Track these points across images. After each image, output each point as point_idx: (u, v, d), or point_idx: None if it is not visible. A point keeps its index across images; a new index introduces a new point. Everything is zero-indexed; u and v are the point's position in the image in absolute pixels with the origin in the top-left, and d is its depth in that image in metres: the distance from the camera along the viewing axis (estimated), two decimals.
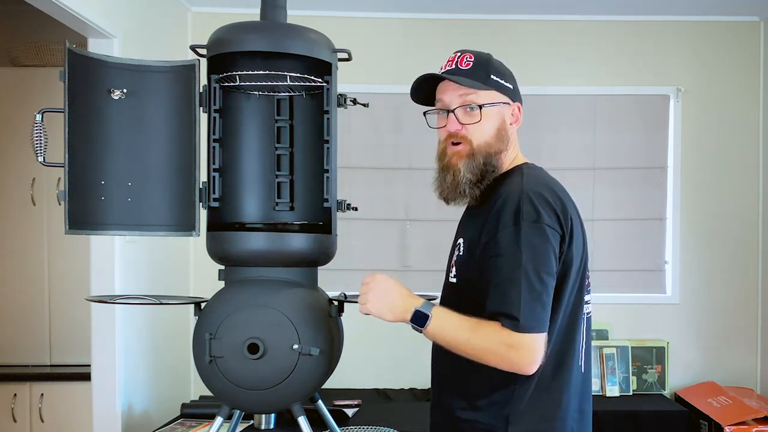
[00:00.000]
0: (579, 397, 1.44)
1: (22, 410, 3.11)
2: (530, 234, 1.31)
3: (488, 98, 1.43)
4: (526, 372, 1.31)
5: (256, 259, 1.59)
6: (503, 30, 3.47)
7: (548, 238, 1.31)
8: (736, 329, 3.51)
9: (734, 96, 3.51)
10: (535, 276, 1.30)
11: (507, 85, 1.46)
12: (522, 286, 1.29)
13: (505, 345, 1.29)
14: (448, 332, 1.34)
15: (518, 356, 1.29)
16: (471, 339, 1.31)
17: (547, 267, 1.31)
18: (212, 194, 1.60)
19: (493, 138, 1.43)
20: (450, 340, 1.34)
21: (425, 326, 1.34)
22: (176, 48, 3.26)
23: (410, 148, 3.47)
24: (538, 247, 1.31)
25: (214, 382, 1.54)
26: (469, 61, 1.44)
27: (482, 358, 1.32)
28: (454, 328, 1.34)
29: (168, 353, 3.14)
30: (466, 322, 1.33)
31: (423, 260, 3.45)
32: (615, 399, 3.28)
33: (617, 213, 3.51)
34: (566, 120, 3.50)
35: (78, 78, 1.52)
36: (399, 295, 1.38)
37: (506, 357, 1.29)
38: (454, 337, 1.33)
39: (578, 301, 1.41)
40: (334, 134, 1.63)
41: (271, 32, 1.59)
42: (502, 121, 1.45)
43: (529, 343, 1.29)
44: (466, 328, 1.32)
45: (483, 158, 1.42)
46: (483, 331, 1.31)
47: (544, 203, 1.33)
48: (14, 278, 3.24)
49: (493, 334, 1.30)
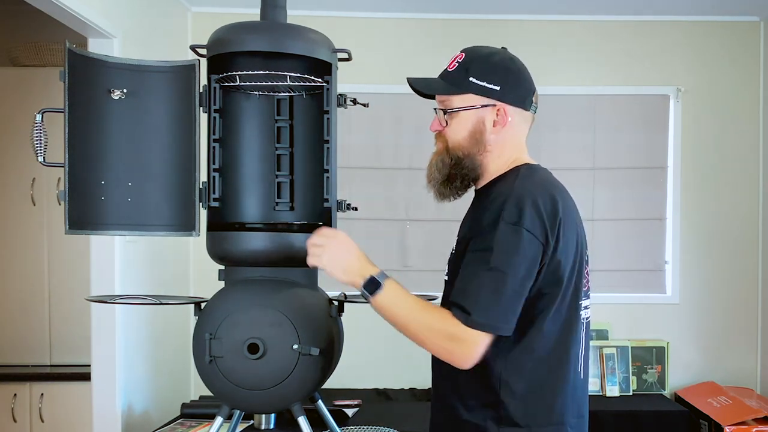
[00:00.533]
0: (578, 403, 1.43)
1: (22, 410, 3.11)
2: (507, 235, 1.29)
3: (461, 102, 1.43)
4: (460, 366, 1.31)
5: (256, 259, 1.59)
6: (503, 30, 3.47)
7: (524, 242, 1.29)
8: (736, 329, 3.51)
9: (734, 96, 3.51)
10: (500, 277, 1.28)
11: (490, 87, 1.41)
12: (484, 283, 1.28)
13: (448, 334, 1.29)
14: (396, 307, 1.33)
15: (458, 349, 1.29)
16: (417, 318, 1.31)
17: (516, 271, 1.29)
18: (212, 194, 1.60)
19: (466, 140, 1.43)
20: (396, 314, 1.33)
21: (375, 294, 1.33)
22: (176, 48, 3.26)
23: (410, 148, 3.47)
24: (511, 250, 1.29)
25: (214, 382, 1.54)
26: (457, 63, 1.44)
27: (422, 341, 1.31)
28: (403, 305, 1.33)
29: (168, 353, 3.14)
30: (417, 303, 1.33)
31: (423, 260, 3.45)
32: (615, 399, 3.28)
33: (617, 213, 3.51)
34: (566, 120, 3.50)
35: (78, 78, 1.52)
36: (357, 257, 1.38)
37: (445, 346, 1.30)
38: (401, 312, 1.33)
39: (573, 306, 1.39)
40: (334, 134, 1.63)
41: (271, 32, 1.59)
42: (479, 123, 1.42)
43: (471, 339, 1.28)
44: (416, 308, 1.32)
45: (453, 159, 1.44)
46: (431, 314, 1.31)
47: (529, 207, 1.31)
48: (14, 278, 3.24)
49: (440, 320, 1.30)
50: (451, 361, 1.31)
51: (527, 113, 1.47)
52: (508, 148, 1.46)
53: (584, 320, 1.44)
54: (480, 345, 1.29)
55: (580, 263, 1.41)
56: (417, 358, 2.11)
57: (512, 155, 1.46)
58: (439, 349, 1.32)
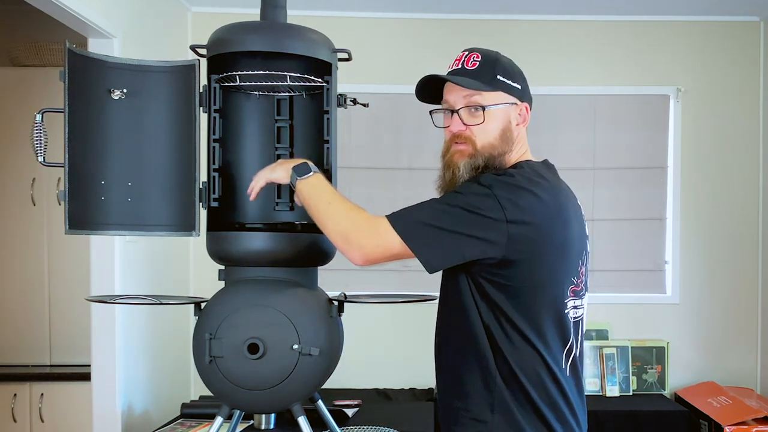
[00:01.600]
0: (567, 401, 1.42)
1: (22, 410, 3.11)
2: (472, 190, 1.31)
3: (493, 99, 1.41)
4: (353, 260, 1.33)
5: (256, 259, 1.58)
6: (503, 30, 3.47)
7: (488, 206, 1.28)
8: (736, 329, 3.51)
9: (734, 96, 3.51)
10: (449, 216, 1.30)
11: (515, 85, 1.44)
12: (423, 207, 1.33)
13: (362, 219, 1.33)
14: (319, 191, 1.39)
15: (363, 237, 1.32)
16: (334, 203, 1.37)
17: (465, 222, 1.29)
18: (212, 194, 1.60)
19: (498, 139, 1.42)
20: (315, 197, 1.39)
21: (303, 176, 1.40)
22: (176, 48, 3.26)
23: (410, 148, 3.47)
24: (471, 202, 1.29)
25: (214, 382, 1.54)
26: (476, 61, 1.43)
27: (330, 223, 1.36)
28: (326, 191, 1.39)
29: (168, 353, 3.14)
30: (341, 196, 1.39)
31: None
32: (615, 399, 3.28)
33: (617, 213, 3.51)
34: (566, 120, 3.51)
35: (78, 78, 1.52)
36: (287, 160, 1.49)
37: (352, 230, 1.33)
38: (321, 195, 1.38)
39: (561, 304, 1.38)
40: (334, 134, 1.63)
41: (271, 32, 1.59)
42: (508, 121, 1.43)
43: (379, 229, 1.31)
44: (337, 198, 1.38)
45: (485, 159, 1.41)
46: (352, 203, 1.36)
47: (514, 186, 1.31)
48: (14, 278, 3.24)
49: (360, 209, 1.34)
50: (346, 249, 1.34)
51: None
52: (520, 145, 1.48)
53: (573, 319, 1.43)
54: (385, 246, 1.31)
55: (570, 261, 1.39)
56: (417, 358, 2.11)
57: (521, 153, 1.48)
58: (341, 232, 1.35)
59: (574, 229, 1.40)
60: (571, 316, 1.42)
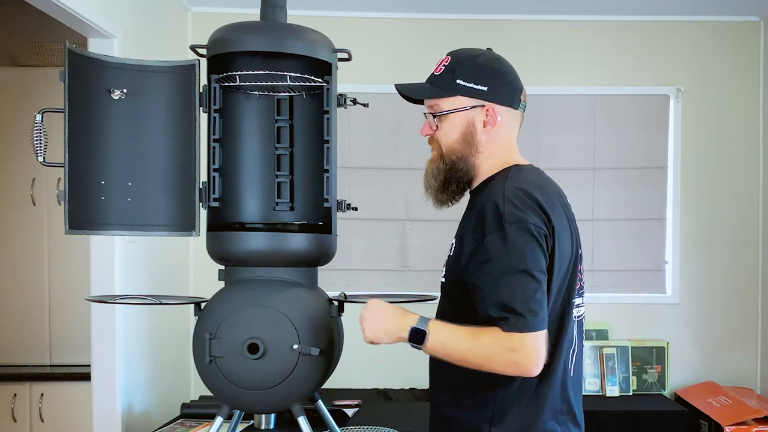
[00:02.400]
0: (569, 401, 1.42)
1: (22, 410, 3.11)
2: (516, 235, 1.29)
3: (450, 105, 1.43)
4: (533, 373, 1.29)
5: (256, 259, 1.59)
6: (503, 30, 3.47)
7: (534, 236, 1.30)
8: (736, 329, 3.51)
9: (734, 96, 3.51)
10: (526, 275, 1.28)
11: (478, 87, 1.42)
12: (515, 287, 1.28)
13: (509, 349, 1.27)
14: (448, 345, 1.33)
15: (523, 358, 1.27)
16: (473, 348, 1.30)
17: (538, 265, 1.30)
18: (212, 194, 1.60)
19: (458, 142, 1.44)
20: (452, 353, 1.33)
21: (424, 343, 1.33)
22: (176, 48, 3.26)
23: (410, 148, 3.47)
24: (525, 247, 1.29)
25: (214, 382, 1.54)
26: (443, 66, 1.45)
27: (487, 366, 1.30)
28: (454, 341, 1.32)
29: (168, 353, 3.14)
30: (465, 332, 1.31)
31: (423, 260, 3.44)
32: (615, 399, 3.28)
33: (617, 213, 3.51)
34: (566, 120, 3.50)
35: (78, 78, 1.52)
36: (393, 316, 1.38)
37: (510, 360, 1.28)
38: (456, 349, 1.32)
39: (566, 304, 1.39)
40: (334, 134, 1.63)
41: (271, 32, 1.59)
42: (469, 125, 1.43)
43: (530, 343, 1.27)
44: (467, 338, 1.31)
45: (447, 163, 1.45)
46: (483, 338, 1.29)
47: (525, 203, 1.32)
48: (14, 278, 3.24)
49: (494, 339, 1.28)
50: (521, 374, 1.30)
51: (516, 112, 1.47)
52: (498, 147, 1.46)
53: (576, 318, 1.44)
54: (540, 345, 1.28)
55: (574, 261, 1.41)
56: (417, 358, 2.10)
57: (503, 155, 1.47)
58: (506, 368, 1.30)
59: (573, 227, 1.43)
60: (575, 316, 1.44)
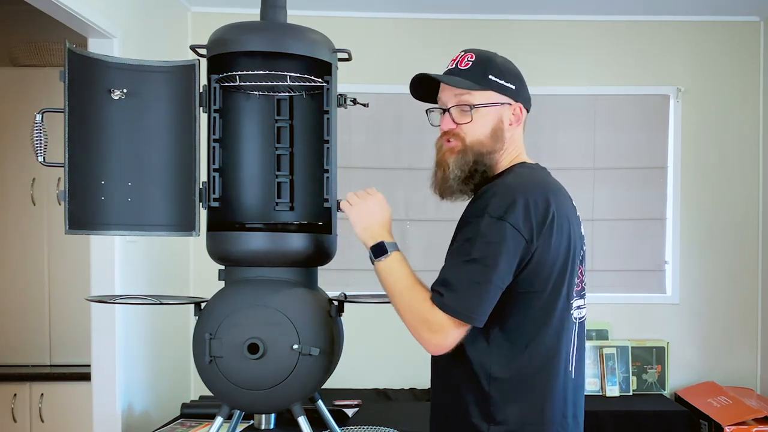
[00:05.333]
0: (571, 403, 1.42)
1: (22, 410, 3.11)
2: (490, 228, 1.30)
3: (483, 99, 1.43)
4: (431, 351, 1.34)
5: (256, 259, 1.58)
6: (503, 30, 3.47)
7: (507, 236, 1.29)
8: (736, 329, 3.51)
9: (734, 96, 3.51)
10: (481, 268, 1.29)
11: (507, 85, 1.44)
12: (463, 273, 1.30)
13: (422, 317, 1.31)
14: (391, 277, 1.39)
15: (428, 333, 1.31)
16: (404, 293, 1.36)
17: (496, 264, 1.29)
18: (212, 194, 1.60)
19: (488, 137, 1.43)
20: (389, 284, 1.39)
21: (378, 259, 1.40)
22: (176, 48, 3.26)
23: (410, 148, 3.47)
24: (492, 243, 1.29)
25: (214, 382, 1.54)
26: (469, 61, 1.44)
27: (402, 316, 1.36)
28: (398, 276, 1.38)
29: (168, 353, 3.14)
30: (410, 278, 1.37)
31: (423, 260, 3.43)
32: (615, 399, 3.28)
33: (617, 213, 3.52)
34: (566, 120, 3.51)
35: (78, 78, 1.52)
36: (381, 223, 1.46)
37: (418, 328, 1.32)
38: (393, 283, 1.38)
39: (565, 305, 1.39)
40: (334, 134, 1.63)
41: (271, 32, 1.59)
42: (499, 121, 1.44)
43: (444, 325, 1.30)
44: (406, 283, 1.37)
45: (474, 156, 1.43)
46: (415, 294, 1.35)
47: (518, 203, 1.30)
48: (14, 278, 3.24)
49: (420, 301, 1.33)
50: (422, 345, 1.34)
51: (527, 114, 1.51)
52: (514, 145, 1.48)
53: (577, 319, 1.44)
54: (451, 333, 1.31)
55: (573, 262, 1.40)
56: (417, 358, 2.11)
57: (515, 153, 1.48)
58: (413, 330, 1.34)
59: (573, 229, 1.41)
60: (575, 317, 1.43)
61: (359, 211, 1.47)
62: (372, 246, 1.42)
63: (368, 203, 1.47)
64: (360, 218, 1.46)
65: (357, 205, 1.47)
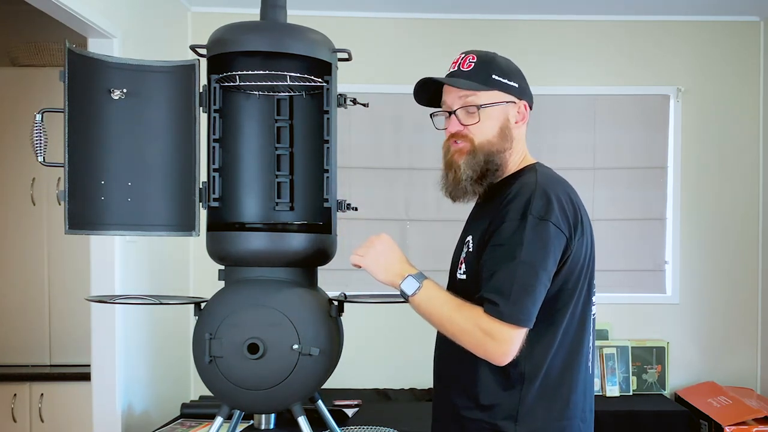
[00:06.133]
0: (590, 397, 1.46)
1: (22, 410, 3.11)
2: (535, 229, 1.31)
3: (489, 98, 1.43)
4: (497, 362, 1.33)
5: (256, 259, 1.58)
6: (503, 30, 3.47)
7: (551, 236, 1.31)
8: (736, 329, 3.51)
9: (734, 96, 3.51)
10: (531, 271, 1.30)
11: (511, 83, 1.45)
12: (515, 277, 1.30)
13: (483, 331, 1.30)
14: (433, 305, 1.36)
15: (493, 345, 1.30)
16: (453, 317, 1.34)
17: (545, 264, 1.31)
18: (212, 194, 1.60)
19: (496, 137, 1.44)
20: (433, 313, 1.36)
21: (413, 294, 1.37)
22: (176, 48, 3.26)
23: (410, 148, 3.47)
24: (539, 243, 1.31)
25: (214, 382, 1.54)
26: (471, 62, 1.45)
27: (459, 339, 1.34)
28: (440, 303, 1.36)
29: (168, 353, 3.14)
30: (452, 301, 1.36)
31: (423, 260, 3.42)
32: (615, 399, 3.28)
33: (617, 213, 3.51)
34: (566, 120, 3.51)
35: (78, 78, 1.52)
36: (398, 259, 1.43)
37: (481, 342, 1.31)
38: (438, 311, 1.36)
39: (587, 302, 1.42)
40: (334, 134, 1.63)
41: (271, 32, 1.59)
42: (506, 119, 1.45)
43: (507, 335, 1.29)
44: (451, 306, 1.35)
45: (484, 156, 1.43)
46: (466, 312, 1.33)
47: (555, 202, 1.33)
48: (14, 278, 3.24)
49: (475, 317, 1.32)
50: (488, 358, 1.33)
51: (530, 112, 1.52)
52: (520, 143, 1.49)
53: (593, 316, 1.47)
54: (515, 340, 1.31)
55: (593, 259, 1.43)
56: (417, 358, 2.10)
57: (522, 151, 1.50)
58: (475, 347, 1.33)
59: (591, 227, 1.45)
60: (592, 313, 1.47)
61: (372, 259, 1.43)
62: (401, 283, 1.39)
63: (377, 248, 1.43)
64: (377, 264, 1.42)
65: (367, 255, 1.44)
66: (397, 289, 1.40)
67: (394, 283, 1.40)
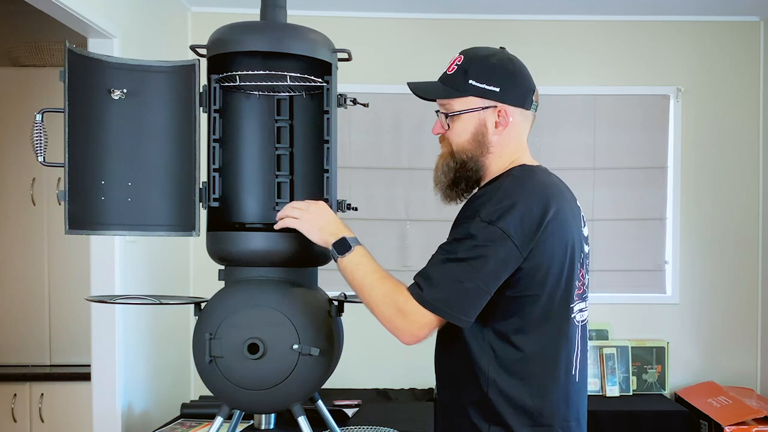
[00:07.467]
0: (575, 406, 1.42)
1: (22, 410, 3.11)
2: (480, 231, 1.29)
3: (462, 105, 1.42)
4: (404, 341, 1.33)
5: (256, 259, 1.58)
6: (503, 30, 3.47)
7: (496, 240, 1.28)
8: (736, 329, 3.51)
9: (734, 96, 3.51)
10: (464, 267, 1.29)
11: (490, 88, 1.41)
12: (445, 269, 1.30)
13: (398, 307, 1.31)
14: (359, 270, 1.38)
15: (403, 323, 1.31)
16: (374, 286, 1.35)
17: (482, 266, 1.28)
18: (212, 194, 1.60)
19: (469, 143, 1.43)
20: (356, 278, 1.38)
21: (343, 255, 1.39)
22: (176, 48, 3.26)
23: (410, 148, 3.47)
24: (481, 246, 1.28)
25: (214, 382, 1.54)
26: (456, 65, 1.44)
27: (374, 309, 1.35)
28: (366, 270, 1.37)
29: (168, 353, 3.14)
30: (379, 272, 1.37)
31: (423, 260, 3.42)
32: (615, 399, 3.28)
33: (617, 213, 3.52)
34: (566, 120, 3.51)
35: (78, 78, 1.52)
36: (334, 220, 1.46)
37: (392, 318, 1.32)
38: (362, 276, 1.37)
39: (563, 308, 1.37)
40: (334, 134, 1.63)
41: (271, 32, 1.59)
42: (481, 126, 1.42)
43: (419, 317, 1.30)
44: (376, 277, 1.36)
45: (458, 162, 1.44)
46: (389, 284, 1.34)
47: (511, 207, 1.29)
48: (14, 278, 3.24)
49: (395, 292, 1.33)
50: (394, 334, 1.34)
51: (528, 112, 1.46)
52: (509, 148, 1.45)
53: (579, 323, 1.43)
54: (426, 325, 1.31)
55: (571, 266, 1.38)
56: (417, 358, 2.10)
57: (513, 155, 1.45)
58: (386, 321, 1.34)
59: (572, 231, 1.39)
60: (577, 320, 1.42)
61: (309, 218, 1.46)
62: (334, 243, 1.41)
63: (312, 209, 1.47)
64: (312, 223, 1.45)
65: (303, 214, 1.46)
66: (329, 248, 1.42)
67: (327, 242, 1.42)
